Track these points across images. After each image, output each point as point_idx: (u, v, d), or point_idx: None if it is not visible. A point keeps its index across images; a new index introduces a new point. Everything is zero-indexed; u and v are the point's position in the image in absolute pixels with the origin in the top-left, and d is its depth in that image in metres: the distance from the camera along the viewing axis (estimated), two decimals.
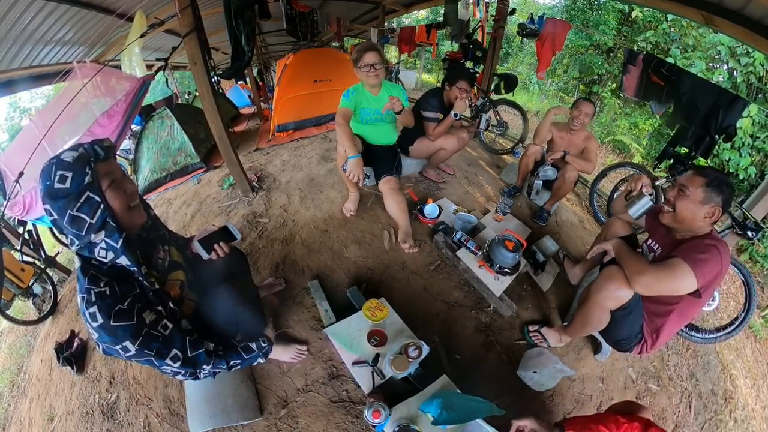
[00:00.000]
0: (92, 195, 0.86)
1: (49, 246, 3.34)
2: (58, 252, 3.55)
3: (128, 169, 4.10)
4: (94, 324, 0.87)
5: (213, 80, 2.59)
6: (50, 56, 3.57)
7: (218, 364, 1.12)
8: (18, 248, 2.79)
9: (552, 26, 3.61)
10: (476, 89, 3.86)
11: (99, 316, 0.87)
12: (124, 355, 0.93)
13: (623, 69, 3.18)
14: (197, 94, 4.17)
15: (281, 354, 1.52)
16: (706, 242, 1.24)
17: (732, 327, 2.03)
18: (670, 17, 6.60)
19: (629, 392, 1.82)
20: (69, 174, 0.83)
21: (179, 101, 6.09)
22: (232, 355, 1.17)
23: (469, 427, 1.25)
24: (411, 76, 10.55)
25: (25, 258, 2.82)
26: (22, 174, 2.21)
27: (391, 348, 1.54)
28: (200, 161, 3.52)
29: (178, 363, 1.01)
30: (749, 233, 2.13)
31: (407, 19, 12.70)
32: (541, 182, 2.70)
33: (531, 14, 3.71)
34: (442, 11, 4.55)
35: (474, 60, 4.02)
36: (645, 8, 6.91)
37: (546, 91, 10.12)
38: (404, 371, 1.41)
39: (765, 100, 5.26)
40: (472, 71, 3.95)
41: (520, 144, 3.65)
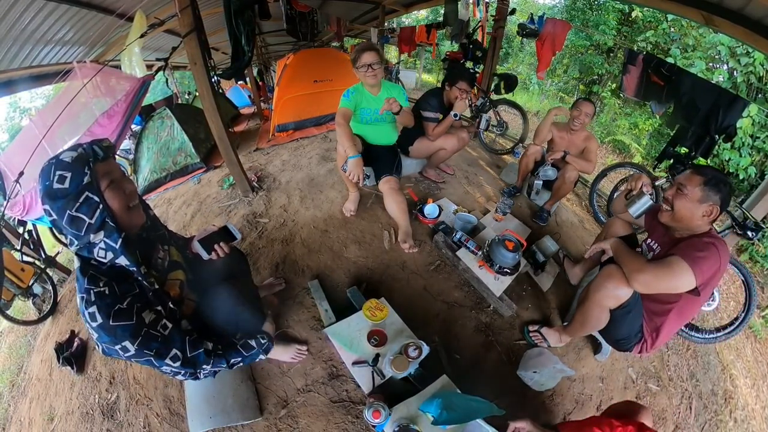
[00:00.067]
0: (91, 195, 0.86)
1: (49, 246, 3.34)
2: (58, 252, 3.55)
3: (128, 169, 4.10)
4: (94, 324, 0.88)
5: (213, 80, 2.59)
6: (50, 56, 3.58)
7: (218, 364, 1.12)
8: (18, 248, 2.79)
9: (552, 26, 3.61)
10: (476, 89, 3.85)
11: (98, 316, 0.87)
12: (124, 355, 0.93)
13: (623, 69, 3.18)
14: (197, 94, 4.17)
15: (281, 354, 1.52)
16: (705, 240, 1.24)
17: (732, 327, 2.03)
18: (670, 17, 6.60)
19: (629, 392, 1.82)
20: (68, 174, 0.83)
21: (179, 101, 6.08)
22: (232, 354, 1.18)
23: (469, 427, 1.25)
24: (411, 76, 10.55)
25: (25, 258, 2.82)
26: (22, 174, 2.21)
27: (391, 348, 1.53)
28: (200, 161, 3.53)
29: (178, 363, 1.01)
30: (749, 233, 2.13)
31: (407, 19, 12.71)
32: (541, 182, 2.70)
33: (531, 14, 3.71)
34: (442, 11, 4.55)
35: (474, 60, 4.02)
36: (645, 8, 6.92)
37: (546, 91, 10.12)
38: (404, 371, 1.40)
39: (765, 100, 5.26)
40: (472, 71, 3.94)
41: (520, 144, 3.65)
